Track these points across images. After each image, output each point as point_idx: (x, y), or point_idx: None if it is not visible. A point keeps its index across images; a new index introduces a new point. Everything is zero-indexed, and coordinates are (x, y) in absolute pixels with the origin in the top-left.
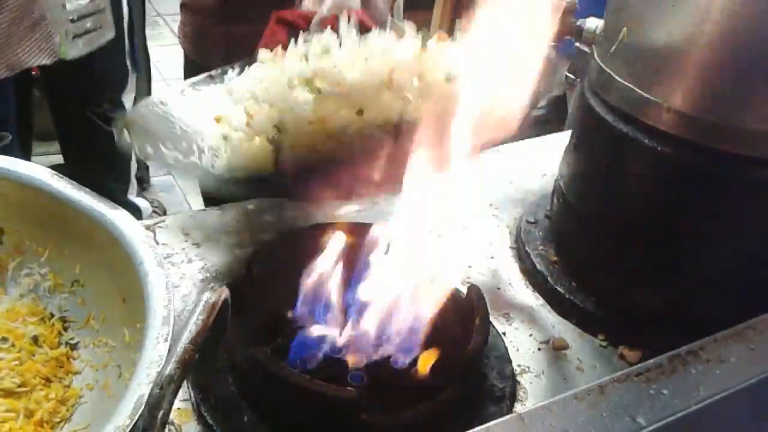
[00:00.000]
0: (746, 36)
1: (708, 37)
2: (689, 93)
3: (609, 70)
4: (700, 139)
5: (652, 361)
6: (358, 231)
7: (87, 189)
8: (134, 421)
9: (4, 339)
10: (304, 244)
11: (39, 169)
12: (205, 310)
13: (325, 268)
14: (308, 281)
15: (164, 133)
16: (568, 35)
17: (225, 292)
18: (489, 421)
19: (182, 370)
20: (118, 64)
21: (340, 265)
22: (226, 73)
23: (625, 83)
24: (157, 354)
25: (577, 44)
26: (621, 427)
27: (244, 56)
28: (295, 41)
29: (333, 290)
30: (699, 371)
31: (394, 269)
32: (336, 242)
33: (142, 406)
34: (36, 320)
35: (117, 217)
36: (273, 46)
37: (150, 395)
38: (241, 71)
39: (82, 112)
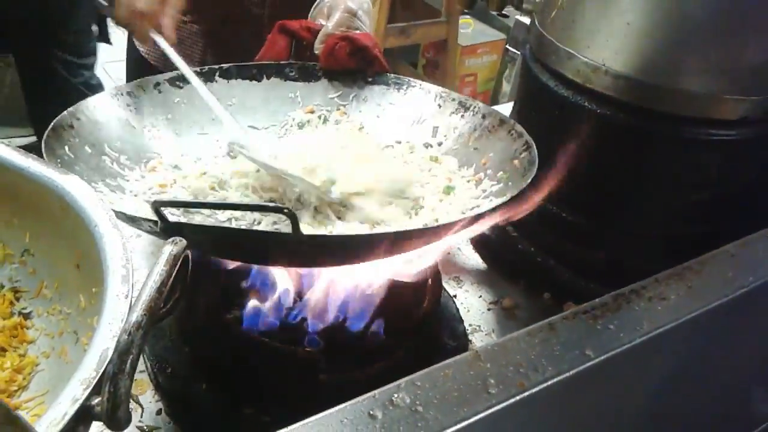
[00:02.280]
0: (678, 1)
1: (643, 2)
2: (626, 56)
3: (550, 37)
4: (637, 100)
5: (597, 300)
6: None
7: (34, 156)
8: (100, 373)
9: None
10: None
11: None
12: (168, 261)
13: None
14: None
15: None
16: (509, 4)
17: (186, 246)
18: None
19: (149, 317)
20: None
21: None
22: (213, 74)
23: (566, 48)
24: (118, 311)
25: (516, 17)
26: (571, 359)
27: (221, 59)
28: (295, 50)
29: None
30: (642, 308)
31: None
32: None
33: (107, 359)
34: None
35: (68, 182)
36: (272, 55)
37: (119, 341)
38: (228, 75)
39: (46, 58)
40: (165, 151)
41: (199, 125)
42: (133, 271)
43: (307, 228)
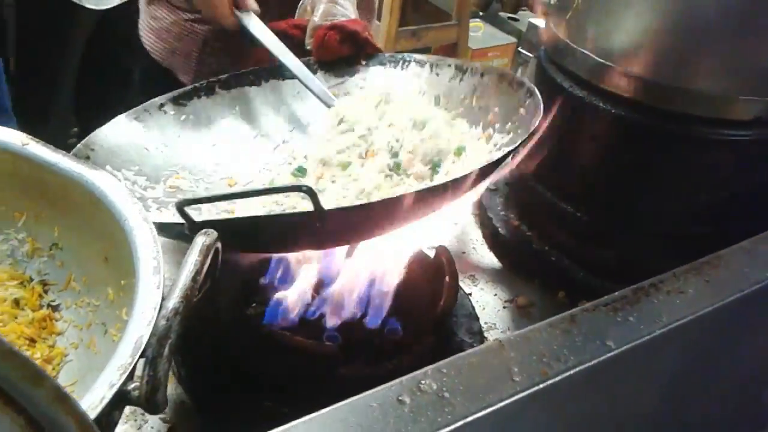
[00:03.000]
0: (692, 2)
1: (657, 3)
2: (640, 56)
3: (565, 38)
4: (651, 101)
5: (617, 293)
6: None
7: (64, 152)
8: (135, 359)
9: None
10: None
11: (15, 134)
12: (201, 251)
13: None
14: None
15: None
16: (524, 5)
17: (217, 238)
18: None
19: (186, 304)
20: None
21: None
22: (213, 87)
23: (581, 50)
24: (152, 299)
25: (529, 19)
26: (593, 350)
27: (220, 57)
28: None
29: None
30: (661, 301)
31: None
32: None
33: (142, 346)
34: (16, 284)
35: (97, 177)
36: (267, 58)
37: (157, 326)
38: (227, 86)
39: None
40: (181, 167)
41: (209, 139)
42: (163, 264)
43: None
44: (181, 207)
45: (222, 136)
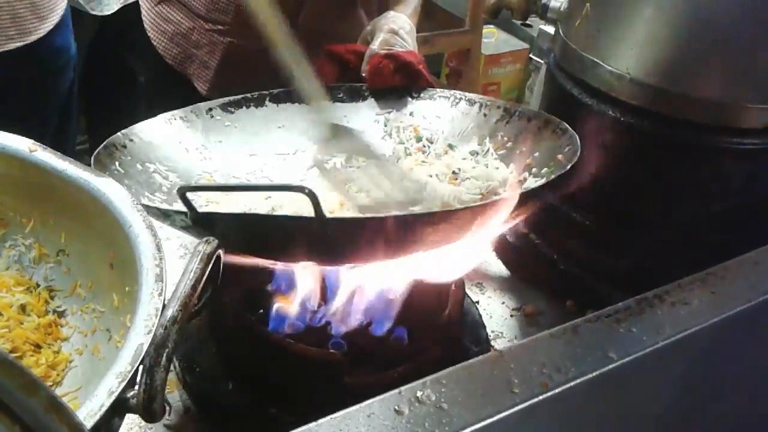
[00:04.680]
0: (701, 10)
1: (666, 11)
2: (649, 64)
3: (574, 45)
4: (661, 109)
5: (620, 304)
6: None
7: (71, 159)
8: (135, 367)
9: None
10: None
11: (22, 140)
12: (201, 260)
13: None
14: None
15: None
16: (534, 13)
17: (218, 246)
18: None
19: (184, 312)
20: None
21: None
22: (263, 99)
23: (590, 57)
24: (153, 307)
25: (540, 26)
26: (594, 361)
27: (240, 71)
28: (341, 74)
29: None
30: (664, 312)
31: None
32: None
33: (142, 354)
34: (22, 290)
35: (103, 184)
36: (319, 81)
37: (155, 335)
38: (277, 99)
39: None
40: (215, 171)
41: (249, 147)
42: (167, 271)
43: None
44: (183, 193)
45: (263, 147)
